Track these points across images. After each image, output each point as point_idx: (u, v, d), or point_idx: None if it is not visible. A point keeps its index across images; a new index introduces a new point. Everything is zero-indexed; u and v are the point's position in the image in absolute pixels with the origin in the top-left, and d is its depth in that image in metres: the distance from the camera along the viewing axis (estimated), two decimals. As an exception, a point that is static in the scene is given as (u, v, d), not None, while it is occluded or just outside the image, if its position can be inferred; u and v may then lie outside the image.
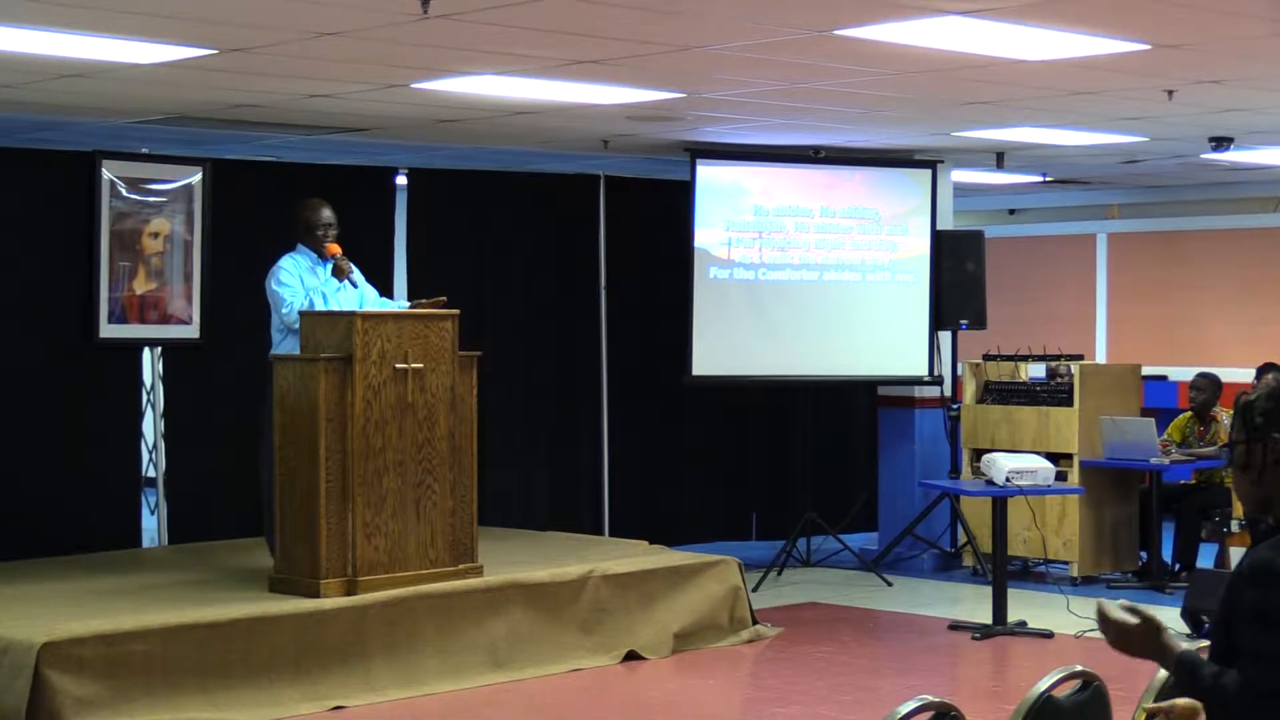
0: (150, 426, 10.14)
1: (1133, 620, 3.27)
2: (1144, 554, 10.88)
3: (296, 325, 8.09)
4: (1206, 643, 3.40)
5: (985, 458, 9.56)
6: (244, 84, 8.11)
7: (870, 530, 12.01)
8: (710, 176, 10.93)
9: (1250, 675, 3.12)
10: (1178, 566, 10.71)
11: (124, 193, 9.40)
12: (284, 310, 8.16)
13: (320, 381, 7.63)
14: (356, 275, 8.33)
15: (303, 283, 8.23)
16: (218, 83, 8.07)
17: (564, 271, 11.28)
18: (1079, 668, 3.72)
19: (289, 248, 8.35)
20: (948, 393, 11.64)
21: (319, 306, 8.13)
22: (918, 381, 11.49)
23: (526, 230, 11.09)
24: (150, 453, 10.38)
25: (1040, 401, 10.97)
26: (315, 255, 8.34)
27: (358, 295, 8.29)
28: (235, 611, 7.32)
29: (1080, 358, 11.36)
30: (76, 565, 8.67)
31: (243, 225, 9.70)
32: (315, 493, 7.63)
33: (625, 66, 7.60)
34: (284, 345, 8.20)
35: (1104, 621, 3.29)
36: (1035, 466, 9.29)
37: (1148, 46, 7.13)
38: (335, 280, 8.26)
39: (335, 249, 8.29)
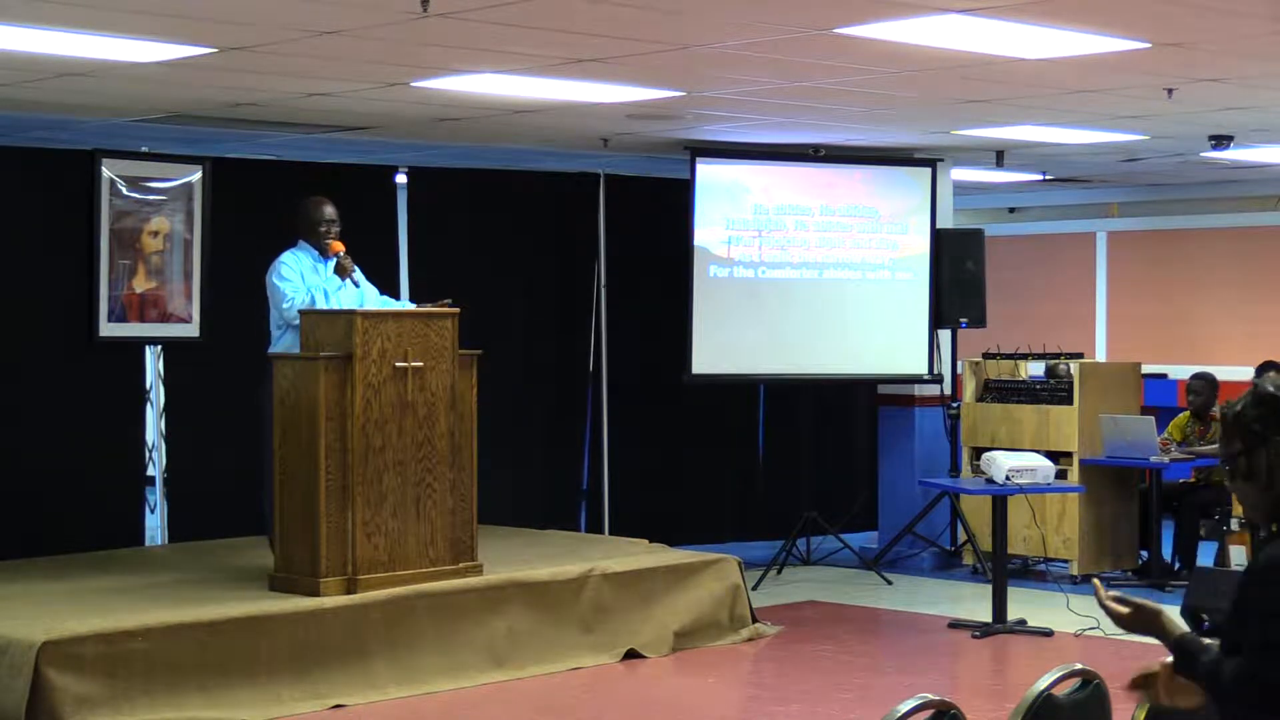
0: (150, 425, 10.14)
1: (1124, 610, 3.32)
2: (1144, 552, 10.88)
3: (296, 321, 8.07)
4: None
5: (985, 456, 9.56)
6: (244, 82, 8.11)
7: (870, 529, 12.01)
8: (710, 175, 10.93)
9: (1255, 666, 3.14)
10: (1177, 565, 10.71)
11: (124, 191, 9.40)
12: (284, 305, 8.14)
13: (320, 380, 7.62)
14: (358, 275, 8.33)
15: (304, 279, 8.22)
16: (218, 81, 8.06)
17: (564, 270, 11.27)
18: (1078, 666, 3.73)
19: (290, 244, 8.35)
20: (948, 391, 11.64)
21: (320, 305, 8.11)
22: (917, 380, 11.49)
23: (526, 229, 11.09)
24: (150, 451, 10.38)
25: (1040, 400, 10.97)
26: (316, 253, 8.33)
27: (358, 295, 8.27)
28: (235, 610, 7.32)
29: (1080, 356, 11.37)
30: (76, 564, 8.66)
31: (242, 224, 9.70)
32: (315, 491, 7.63)
33: (625, 65, 7.60)
34: (283, 341, 8.18)
35: (1103, 605, 3.36)
36: (1035, 465, 9.30)
37: (1148, 45, 7.13)
38: (337, 279, 8.25)
39: (339, 247, 8.26)
